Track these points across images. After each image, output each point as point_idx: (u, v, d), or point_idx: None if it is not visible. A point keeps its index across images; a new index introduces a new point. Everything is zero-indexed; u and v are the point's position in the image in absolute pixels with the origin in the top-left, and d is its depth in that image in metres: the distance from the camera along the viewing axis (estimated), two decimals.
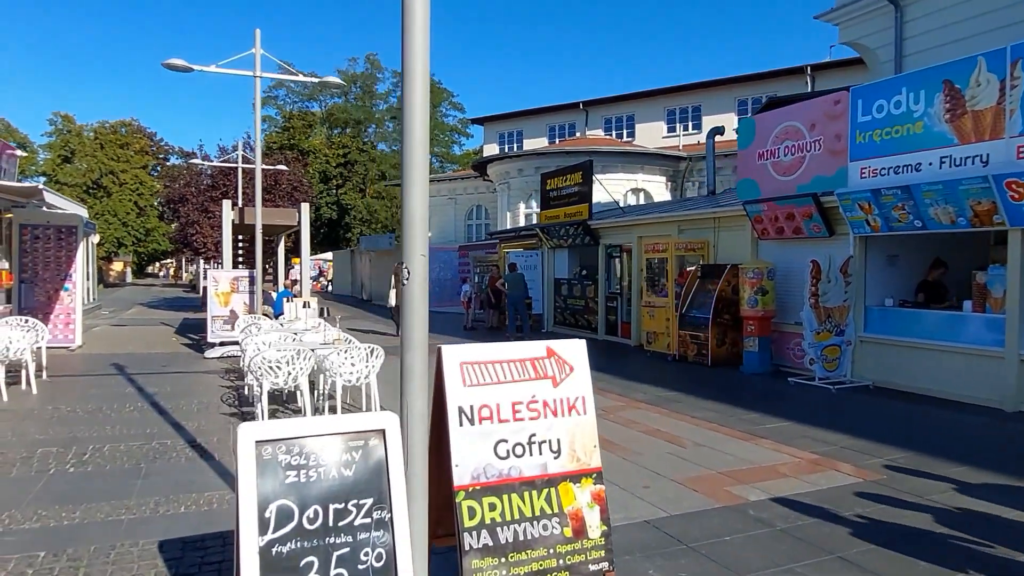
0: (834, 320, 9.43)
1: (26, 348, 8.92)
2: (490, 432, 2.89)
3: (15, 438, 6.56)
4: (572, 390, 3.11)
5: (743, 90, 33.43)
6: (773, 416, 7.64)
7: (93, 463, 5.78)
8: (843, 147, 9.62)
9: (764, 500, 4.89)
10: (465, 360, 2.93)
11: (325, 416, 2.43)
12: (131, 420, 7.45)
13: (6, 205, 12.62)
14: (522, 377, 3.01)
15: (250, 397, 8.74)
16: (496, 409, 2.92)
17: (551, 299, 17.99)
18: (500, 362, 2.99)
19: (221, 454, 6.13)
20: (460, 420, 2.85)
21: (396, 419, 2.75)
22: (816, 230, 10.14)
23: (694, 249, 12.63)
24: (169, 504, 4.78)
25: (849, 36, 14.15)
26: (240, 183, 22.75)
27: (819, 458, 5.99)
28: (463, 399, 2.88)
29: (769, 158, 10.92)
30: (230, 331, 13.32)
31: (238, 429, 2.53)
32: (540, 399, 3.02)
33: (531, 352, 3.08)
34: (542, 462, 2.96)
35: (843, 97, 9.66)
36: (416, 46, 2.86)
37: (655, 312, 12.64)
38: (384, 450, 2.71)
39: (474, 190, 38.15)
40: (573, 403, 3.09)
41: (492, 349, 3.01)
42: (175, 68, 12.05)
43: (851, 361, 9.61)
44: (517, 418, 2.95)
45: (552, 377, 3.08)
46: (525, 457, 2.93)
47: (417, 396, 2.81)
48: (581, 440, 3.06)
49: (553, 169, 21.03)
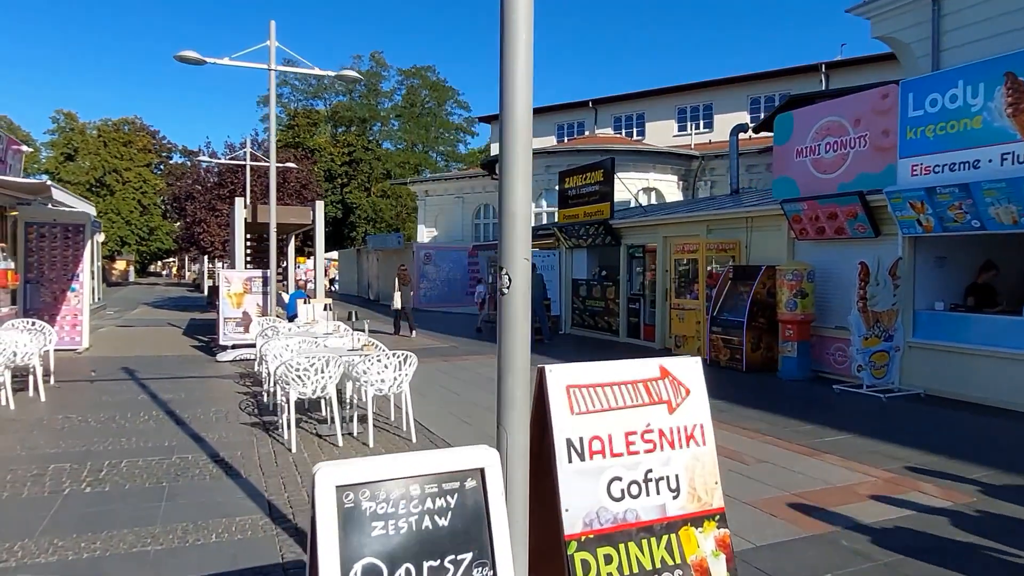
0: (882, 325, 8.97)
1: (34, 353, 8.48)
2: (602, 469, 2.44)
3: (25, 452, 6.11)
4: (689, 416, 2.65)
5: (756, 88, 32.97)
6: (830, 428, 7.19)
7: (111, 481, 5.33)
8: (892, 143, 9.15)
9: (853, 528, 4.43)
10: (572, 383, 2.47)
11: (415, 453, 1.95)
12: (147, 431, 7.00)
13: (11, 203, 12.18)
14: (635, 402, 2.56)
15: (270, 405, 8.31)
16: (608, 441, 2.47)
17: (569, 300, 17.54)
18: (610, 384, 2.54)
19: (247, 471, 5.68)
20: (569, 455, 2.40)
21: (496, 456, 2.30)
22: (861, 230, 9.68)
23: (725, 250, 12.17)
24: (199, 532, 4.33)
25: (882, 30, 13.66)
26: (249, 181, 22.29)
27: (895, 477, 5.53)
28: (571, 429, 2.42)
29: (809, 155, 10.46)
30: (243, 334, 12.89)
31: (315, 472, 2.07)
32: (655, 428, 2.57)
33: (643, 372, 2.62)
34: (660, 503, 2.51)
35: (892, 91, 9.20)
36: (519, 28, 2.42)
37: (685, 315, 12.18)
38: (483, 494, 2.25)
39: (482, 189, 37.63)
40: (691, 432, 2.64)
41: (600, 369, 2.55)
42: (188, 61, 11.59)
43: (899, 368, 9.14)
44: (631, 451, 2.50)
45: (667, 402, 2.62)
46: (641, 498, 2.48)
47: (518, 428, 2.36)
48: (701, 476, 2.61)
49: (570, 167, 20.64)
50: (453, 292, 29.81)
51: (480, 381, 10.29)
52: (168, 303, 30.41)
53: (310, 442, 6.62)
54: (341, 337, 8.72)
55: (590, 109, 37.90)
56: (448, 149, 62.06)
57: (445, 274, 30.10)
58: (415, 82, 59.24)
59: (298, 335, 8.97)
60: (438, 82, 59.72)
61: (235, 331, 12.92)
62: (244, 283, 13.08)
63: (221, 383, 10.15)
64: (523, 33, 2.42)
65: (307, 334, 9.18)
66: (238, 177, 23.87)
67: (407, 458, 2.22)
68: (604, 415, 2.49)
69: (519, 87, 2.40)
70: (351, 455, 6.17)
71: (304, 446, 6.45)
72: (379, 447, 6.46)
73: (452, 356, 12.99)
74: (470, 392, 9.38)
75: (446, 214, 39.07)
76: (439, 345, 14.89)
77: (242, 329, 12.92)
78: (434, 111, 60.46)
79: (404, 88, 59.23)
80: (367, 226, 50.76)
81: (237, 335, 12.88)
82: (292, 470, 5.71)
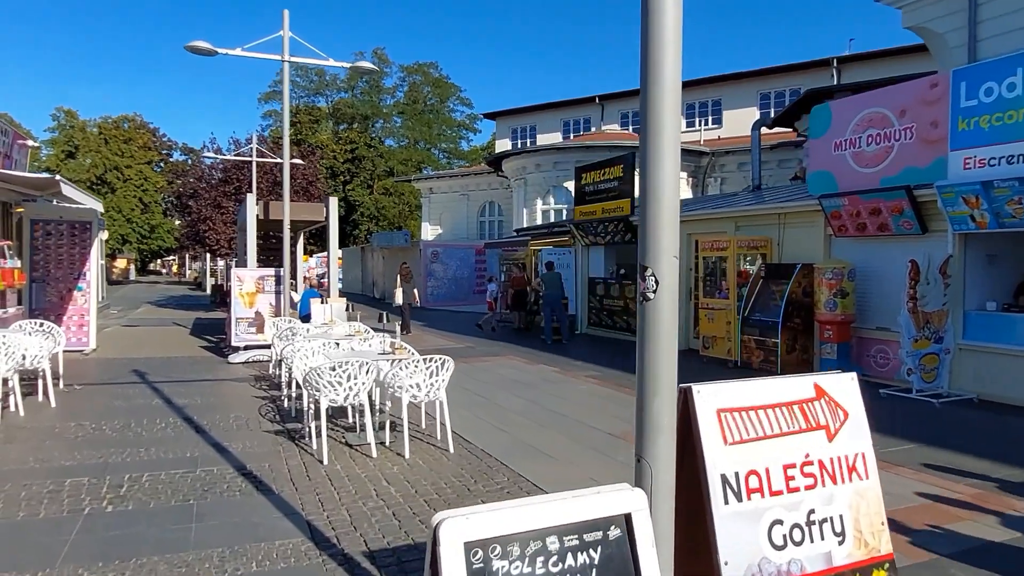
0: (933, 326, 8.56)
1: (43, 356, 8.05)
2: (762, 511, 2.02)
3: (39, 465, 5.69)
4: (850, 444, 2.24)
5: (766, 83, 32.55)
6: (889, 436, 6.76)
7: (133, 499, 4.91)
8: (941, 135, 8.73)
9: (959, 556, 4.01)
10: (723, 406, 2.05)
11: (545, 497, 1.50)
12: (166, 440, 6.58)
13: (17, 199, 11.74)
14: (790, 428, 2.14)
15: (291, 410, 7.90)
16: (766, 476, 2.05)
17: (585, 299, 17.11)
18: (763, 408, 2.12)
19: (279, 485, 5.26)
20: (725, 495, 1.98)
21: (643, 498, 1.88)
22: (907, 227, 9.26)
23: (756, 247, 11.75)
24: (237, 559, 3.91)
25: (914, 20, 13.22)
26: (255, 178, 21.85)
27: (980, 492, 5.12)
28: (726, 463, 2.01)
29: (848, 148, 10.04)
30: (255, 334, 12.47)
31: (437, 526, 1.65)
32: (815, 459, 2.16)
33: (796, 391, 2.20)
34: (825, 550, 2.10)
35: (942, 80, 8.78)
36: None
37: (715, 315, 11.76)
38: (630, 544, 1.84)
39: (487, 186, 37.15)
40: (853, 463, 2.22)
41: (750, 389, 2.14)
42: (199, 51, 11.16)
43: (949, 371, 8.73)
44: (791, 488, 2.09)
45: (825, 427, 2.21)
46: (805, 545, 2.07)
47: (665, 462, 1.94)
48: (867, 515, 2.19)
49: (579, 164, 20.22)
50: (460, 290, 29.38)
51: (504, 383, 9.89)
52: (172, 302, 29.96)
53: (341, 452, 6.20)
54: (365, 340, 8.29)
55: (597, 105, 37.41)
56: (450, 146, 61.55)
57: (452, 272, 29.66)
58: (417, 79, 58.74)
59: (320, 337, 8.55)
60: (440, 79, 59.21)
61: (247, 331, 12.48)
62: (257, 282, 12.64)
63: (236, 386, 9.73)
64: (671, 24, 1.99)
65: (328, 336, 8.76)
66: (244, 174, 23.43)
67: (540, 506, 1.80)
68: (759, 445, 2.07)
69: (668, 43, 1.97)
70: (386, 467, 5.76)
71: (335, 457, 6.03)
72: (415, 458, 6.04)
73: (470, 357, 12.57)
74: (497, 395, 8.97)
75: (451, 212, 38.62)
76: (454, 345, 14.47)
77: (254, 330, 12.50)
78: (436, 108, 59.97)
79: (406, 85, 58.74)
80: (370, 224, 50.29)
81: (249, 336, 12.45)
82: (327, 485, 5.29)
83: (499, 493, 5.14)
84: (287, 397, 8.34)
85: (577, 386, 9.79)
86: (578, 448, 6.45)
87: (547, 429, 7.19)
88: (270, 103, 54.35)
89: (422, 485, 5.31)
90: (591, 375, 10.62)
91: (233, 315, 12.52)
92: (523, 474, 5.58)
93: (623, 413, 7.88)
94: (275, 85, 52.20)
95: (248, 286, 12.58)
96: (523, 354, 13.15)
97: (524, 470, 5.67)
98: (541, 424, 7.42)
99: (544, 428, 7.24)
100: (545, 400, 8.67)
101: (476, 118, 60.87)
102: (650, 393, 1.93)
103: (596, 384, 9.90)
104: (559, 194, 29.33)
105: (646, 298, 1.96)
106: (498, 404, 8.44)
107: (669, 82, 1.95)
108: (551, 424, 7.41)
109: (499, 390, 9.38)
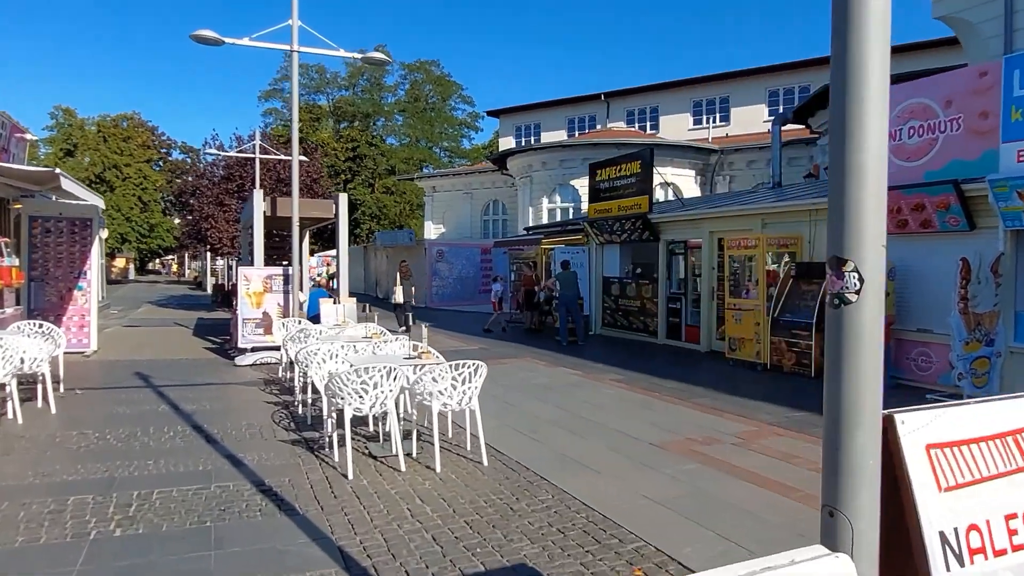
0: (984, 328, 8.11)
1: (43, 359, 7.57)
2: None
3: (39, 480, 5.21)
4: None
5: (774, 80, 32.14)
6: None
7: (144, 520, 4.43)
8: (992, 126, 8.27)
9: None
10: (934, 440, 1.59)
11: (728, 571, 0.98)
12: (175, 451, 6.10)
13: (15, 195, 11.25)
14: (1007, 467, 1.68)
15: (307, 418, 7.43)
16: (987, 532, 1.59)
17: (599, 299, 16.64)
18: (976, 441, 1.65)
19: (303, 504, 4.79)
20: (945, 558, 1.52)
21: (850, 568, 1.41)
22: (953, 223, 8.80)
23: (785, 245, 11.29)
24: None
25: (945, 10, 12.78)
26: (258, 175, 21.35)
27: None
28: (943, 516, 1.54)
29: (888, 141, 9.55)
30: (263, 335, 11.99)
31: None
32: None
33: (1011, 418, 1.73)
34: None
35: (992, 68, 8.31)
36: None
37: (742, 316, 11.29)
38: None
39: (491, 184, 36.65)
40: None
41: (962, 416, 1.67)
42: (205, 41, 10.68)
43: (999, 376, 8.28)
44: (1015, 545, 1.62)
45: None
46: None
47: (869, 518, 1.47)
48: None
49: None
50: (466, 290, 28.88)
51: (529, 388, 9.42)
52: (172, 302, 29.46)
53: (366, 466, 5.72)
54: (385, 342, 7.82)
55: (602, 102, 36.96)
56: (452, 145, 61.10)
57: (458, 272, 29.15)
58: (419, 77, 58.29)
59: (335, 340, 8.08)
60: (442, 76, 58.77)
61: (254, 333, 12.01)
62: (264, 281, 12.16)
63: (245, 391, 9.26)
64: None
65: (343, 339, 8.30)
66: (247, 171, 22.92)
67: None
68: (976, 490, 1.61)
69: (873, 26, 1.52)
70: (418, 483, 5.29)
71: (360, 470, 5.56)
72: (447, 472, 5.58)
73: (486, 359, 11.97)
74: (523, 401, 8.50)
75: (454, 210, 38.13)
76: (466, 347, 13.99)
77: (262, 331, 12.02)
78: (438, 106, 59.52)
79: (408, 83, 58.29)
80: (371, 223, 49.80)
81: (257, 337, 11.98)
82: (355, 503, 4.82)
83: (545, 512, 4.68)
84: (301, 403, 7.88)
85: (604, 390, 9.32)
86: (620, 459, 5.99)
87: (582, 438, 6.72)
88: (270, 101, 53.87)
89: (459, 503, 4.84)
90: (615, 378, 10.16)
91: (240, 315, 12.03)
92: (567, 490, 5.12)
93: (659, 420, 7.43)
94: (276, 83, 51.80)
95: (255, 285, 12.09)
96: (539, 356, 12.68)
97: (568, 486, 5.21)
98: (575, 433, 6.95)
99: (579, 437, 6.78)
100: (573, 406, 8.21)
101: (478, 116, 60.49)
102: (851, 424, 1.47)
103: (623, 388, 9.43)
104: (565, 192, 28.87)
105: (844, 301, 1.51)
106: (526, 411, 7.98)
107: (876, 68, 1.52)
108: (585, 433, 6.95)
109: (522, 395, 8.91)
